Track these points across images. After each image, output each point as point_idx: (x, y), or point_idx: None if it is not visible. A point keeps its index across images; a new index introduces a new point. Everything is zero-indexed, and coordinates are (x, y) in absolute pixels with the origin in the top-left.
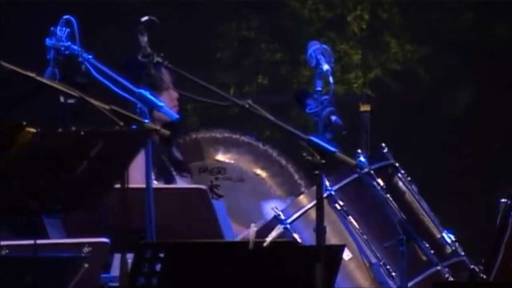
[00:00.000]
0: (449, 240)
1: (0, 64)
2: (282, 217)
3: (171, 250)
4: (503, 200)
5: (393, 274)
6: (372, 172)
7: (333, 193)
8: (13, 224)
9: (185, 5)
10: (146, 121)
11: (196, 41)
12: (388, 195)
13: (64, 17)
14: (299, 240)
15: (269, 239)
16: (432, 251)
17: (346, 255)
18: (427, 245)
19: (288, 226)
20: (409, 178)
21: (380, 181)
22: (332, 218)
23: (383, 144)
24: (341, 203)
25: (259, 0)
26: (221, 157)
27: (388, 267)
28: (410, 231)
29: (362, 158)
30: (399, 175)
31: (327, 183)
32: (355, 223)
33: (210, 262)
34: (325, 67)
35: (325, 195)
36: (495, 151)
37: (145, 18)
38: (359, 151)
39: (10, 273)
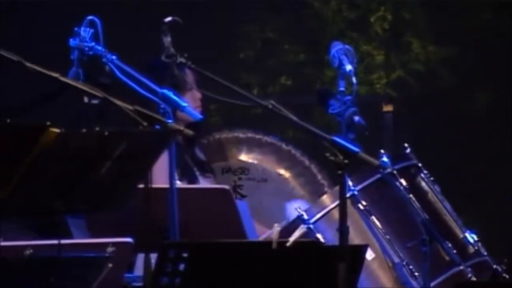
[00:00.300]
0: (471, 240)
1: (24, 65)
2: (305, 217)
3: (194, 250)
4: None
5: (416, 274)
6: (395, 172)
7: (356, 193)
8: (37, 224)
9: (208, 6)
10: (170, 121)
11: (220, 41)
12: (411, 195)
13: (88, 17)
14: (322, 240)
15: (292, 239)
16: (454, 251)
17: (369, 255)
18: (449, 245)
19: (311, 226)
20: (431, 178)
21: (403, 181)
22: (355, 218)
23: (406, 145)
24: (364, 203)
25: (282, 1)
26: (244, 157)
27: (411, 267)
28: (433, 231)
29: (385, 158)
30: (422, 175)
31: (350, 183)
32: (378, 223)
33: (234, 262)
34: (348, 67)
35: (348, 195)
36: None
37: (168, 19)
38: (382, 151)
39: (34, 273)
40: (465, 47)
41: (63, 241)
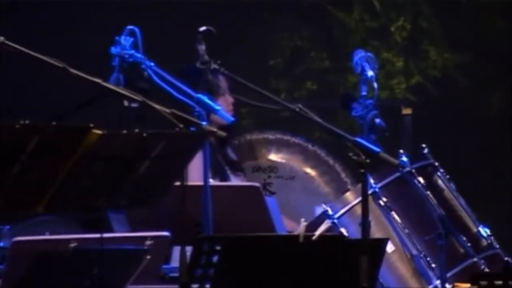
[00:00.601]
0: (484, 234)
1: (68, 70)
2: (330, 212)
3: (227, 243)
4: None
5: (433, 265)
6: (413, 171)
7: (377, 190)
8: (80, 219)
9: (240, 16)
10: (204, 123)
11: (251, 49)
12: (428, 192)
13: (128, 27)
14: (345, 234)
15: (317, 233)
16: (469, 244)
17: (389, 247)
18: (464, 238)
19: (335, 221)
20: (447, 177)
21: (420, 179)
22: (376, 213)
23: (423, 145)
24: (384, 199)
25: (309, 11)
26: (273, 157)
27: (428, 259)
28: (448, 225)
29: (404, 158)
30: (438, 173)
31: (371, 181)
32: (397, 218)
33: (263, 254)
34: (370, 73)
35: (370, 192)
36: None
37: (203, 28)
38: (401, 151)
39: (78, 264)
40: (479, 53)
41: (105, 235)
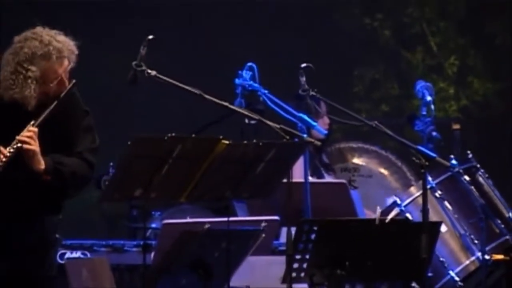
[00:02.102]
0: None
1: (203, 96)
2: (398, 202)
3: (321, 225)
4: None
5: (476, 241)
6: (461, 171)
7: (434, 185)
8: (212, 207)
9: (330, 55)
10: (304, 136)
11: (340, 80)
12: (472, 187)
13: (248, 64)
14: (410, 218)
15: (389, 217)
16: (502, 226)
17: (443, 228)
18: (499, 221)
19: (402, 208)
20: (486, 175)
21: (466, 177)
22: (433, 203)
23: (469, 152)
24: (439, 192)
25: (382, 53)
26: (356, 160)
27: (472, 236)
28: (487, 212)
29: (454, 161)
30: (480, 173)
31: (430, 178)
32: (449, 206)
33: (348, 233)
34: (428, 98)
35: (428, 187)
36: None
37: (304, 65)
38: (452, 156)
39: (211, 241)
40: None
41: (231, 219)
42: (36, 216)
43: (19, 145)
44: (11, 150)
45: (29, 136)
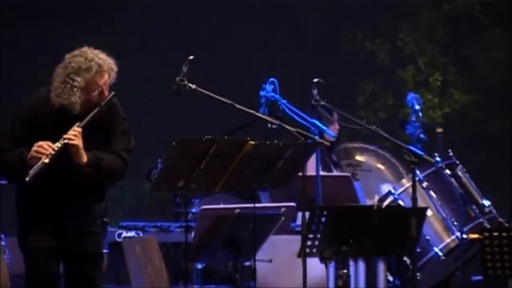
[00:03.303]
0: (486, 204)
1: (233, 105)
2: (392, 191)
3: (330, 210)
4: None
5: (455, 223)
6: (443, 166)
7: (421, 178)
8: (241, 195)
9: (338, 72)
10: (316, 137)
11: (346, 92)
12: (452, 179)
13: (270, 79)
14: (402, 204)
15: (385, 204)
16: (477, 211)
17: (429, 213)
18: (474, 207)
19: (396, 196)
20: (464, 170)
21: (448, 171)
22: (421, 192)
23: (450, 150)
24: (426, 183)
25: (379, 72)
26: (358, 157)
27: (452, 219)
28: (465, 199)
29: (438, 158)
30: (459, 168)
31: (418, 172)
32: (434, 195)
33: (352, 217)
34: (417, 107)
35: (417, 179)
36: None
37: (315, 80)
38: (436, 154)
39: (240, 223)
40: (484, 95)
41: (257, 205)
42: (85, 203)
43: (65, 141)
44: (59, 145)
45: (74, 134)
